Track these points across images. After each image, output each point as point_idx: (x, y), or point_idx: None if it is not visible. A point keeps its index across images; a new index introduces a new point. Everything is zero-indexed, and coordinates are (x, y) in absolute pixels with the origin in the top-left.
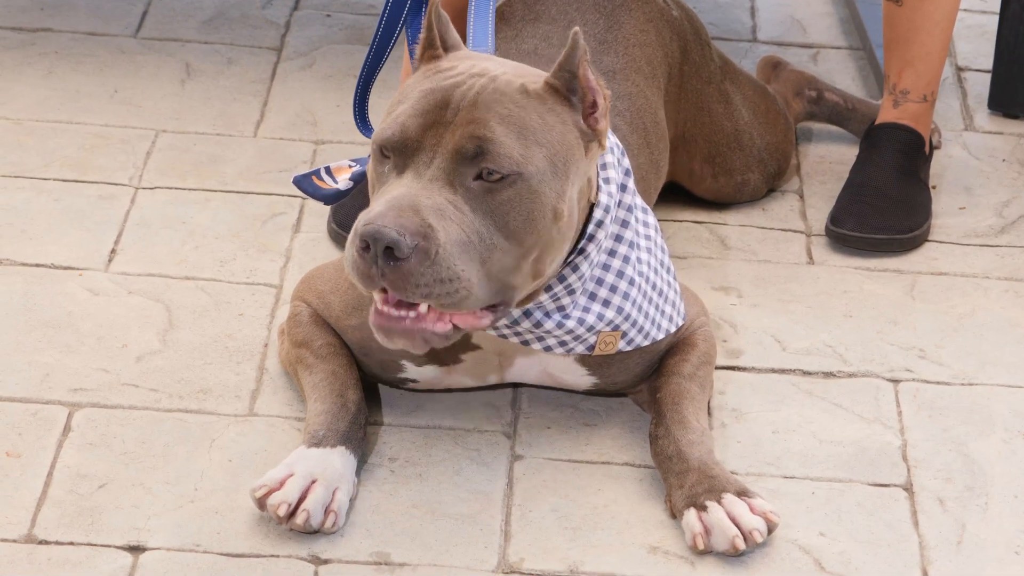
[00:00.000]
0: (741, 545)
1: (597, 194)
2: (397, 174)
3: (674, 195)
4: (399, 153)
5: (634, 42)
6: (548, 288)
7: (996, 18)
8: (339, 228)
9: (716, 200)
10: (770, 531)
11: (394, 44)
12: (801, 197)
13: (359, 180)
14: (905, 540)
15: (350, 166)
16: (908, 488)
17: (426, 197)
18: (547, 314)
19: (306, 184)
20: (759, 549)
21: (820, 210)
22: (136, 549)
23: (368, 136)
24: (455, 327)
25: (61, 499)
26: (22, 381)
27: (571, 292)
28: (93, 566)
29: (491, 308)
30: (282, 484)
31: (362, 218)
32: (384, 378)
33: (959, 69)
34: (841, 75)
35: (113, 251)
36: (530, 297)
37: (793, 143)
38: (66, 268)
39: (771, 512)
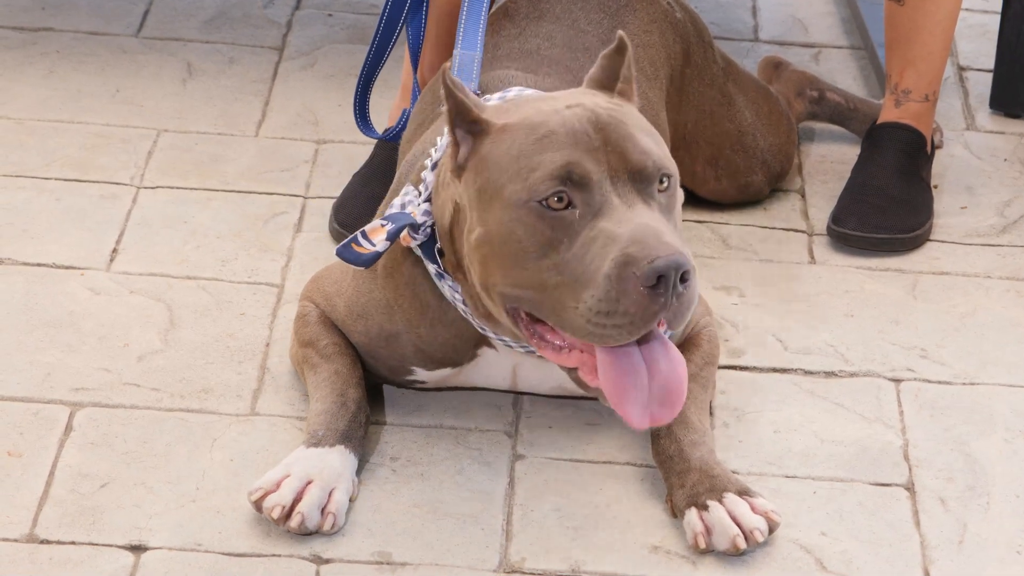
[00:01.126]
0: (742, 544)
1: None
2: (594, 215)
3: None
4: (582, 190)
5: (637, 43)
6: None
7: (998, 18)
8: (341, 228)
9: (719, 201)
10: (771, 530)
11: (394, 43)
12: (803, 197)
13: (394, 238)
14: (906, 540)
15: (383, 225)
16: (909, 488)
17: (655, 221)
18: None
19: (348, 253)
20: (760, 548)
21: (822, 209)
22: (137, 548)
23: (369, 135)
24: None
25: (62, 498)
26: (23, 381)
27: None
28: (94, 565)
29: None
30: (278, 486)
31: (626, 262)
32: (392, 380)
33: (961, 69)
34: (843, 75)
35: (114, 250)
36: None
37: (795, 144)
38: (67, 268)
39: (772, 511)
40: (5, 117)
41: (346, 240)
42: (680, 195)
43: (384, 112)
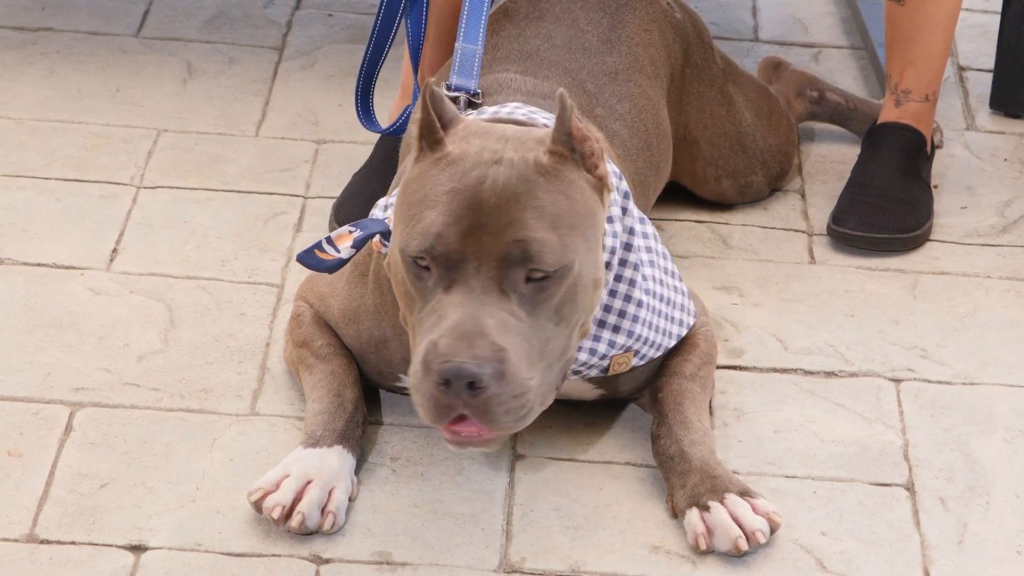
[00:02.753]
0: (744, 546)
1: (603, 237)
2: (444, 289)
3: (675, 195)
4: (442, 264)
5: (637, 42)
6: None
7: (998, 18)
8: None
9: (719, 201)
10: (772, 531)
11: (394, 36)
12: (803, 196)
13: (361, 246)
14: (907, 540)
15: (351, 232)
16: (910, 488)
17: (487, 316)
18: None
19: (309, 259)
20: (760, 549)
21: (822, 209)
22: (137, 548)
23: (372, 130)
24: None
25: (62, 498)
26: (23, 381)
27: None
28: (94, 565)
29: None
30: (277, 486)
31: (431, 352)
32: (382, 384)
33: (961, 69)
34: (843, 75)
35: (114, 250)
36: None
37: (795, 144)
38: (67, 268)
39: (774, 513)
40: (5, 117)
41: (310, 246)
42: (612, 240)
43: (384, 112)
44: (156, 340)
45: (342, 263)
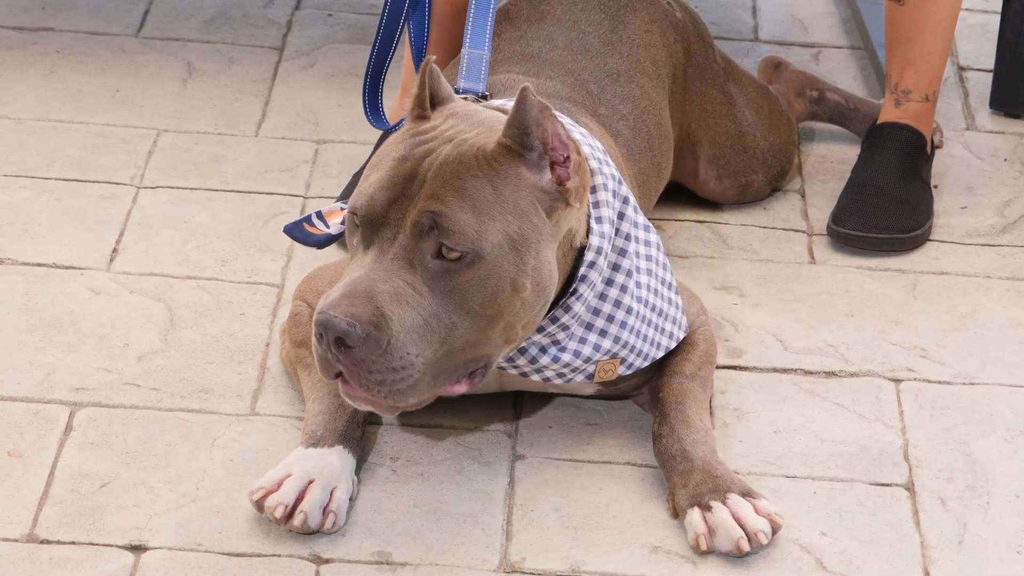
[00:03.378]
0: (746, 547)
1: (588, 236)
2: (363, 248)
3: (676, 194)
4: (367, 226)
5: (639, 42)
6: (541, 328)
7: (998, 17)
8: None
9: (720, 201)
10: (774, 532)
11: (401, 32)
12: (803, 196)
13: None
14: (907, 540)
15: (341, 208)
16: (910, 488)
17: (383, 282)
18: (543, 349)
19: (297, 231)
20: (760, 549)
21: (822, 209)
22: (138, 548)
23: (380, 127)
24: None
25: (63, 498)
26: (23, 380)
27: (565, 328)
28: (95, 565)
29: (469, 375)
30: (279, 485)
31: (320, 303)
32: None
33: (961, 68)
34: (843, 75)
35: (114, 250)
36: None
37: (796, 144)
38: (67, 267)
39: (776, 514)
40: (5, 117)
41: (299, 219)
42: (600, 240)
43: (384, 112)
44: (156, 340)
45: (331, 239)
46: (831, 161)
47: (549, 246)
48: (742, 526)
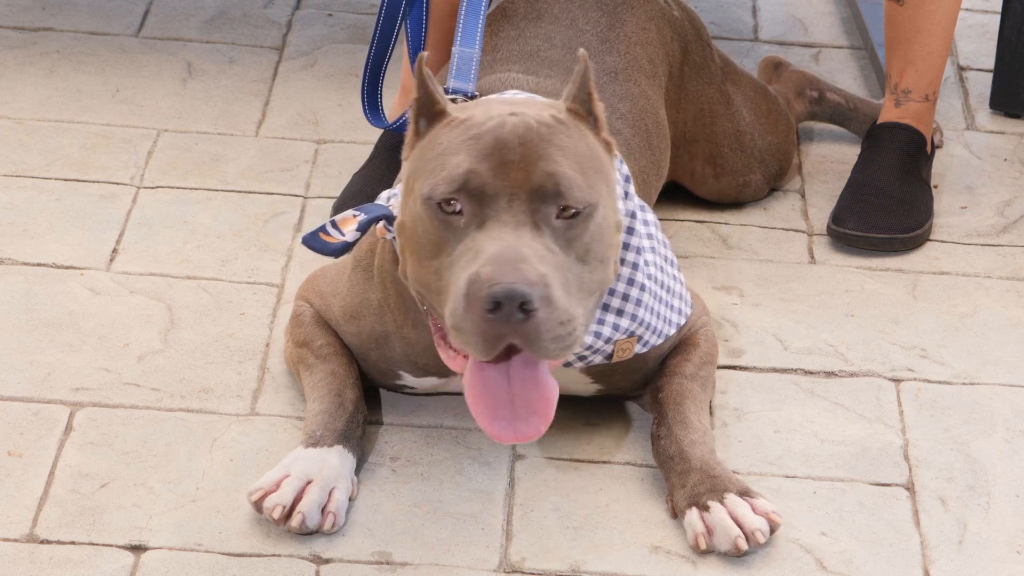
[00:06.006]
0: (744, 546)
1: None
2: (478, 225)
3: (675, 194)
4: (475, 201)
5: (636, 40)
6: None
7: (998, 17)
8: None
9: (718, 201)
10: (772, 531)
11: (399, 31)
12: (803, 196)
13: (365, 229)
14: (907, 539)
15: (355, 216)
16: (910, 487)
17: (526, 246)
18: None
19: (314, 242)
20: (760, 548)
21: (822, 209)
22: (138, 548)
23: (379, 125)
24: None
25: (63, 498)
26: (24, 380)
27: None
28: (94, 565)
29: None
30: (278, 486)
31: (474, 282)
32: (382, 383)
33: (961, 68)
34: (843, 75)
35: (115, 250)
36: None
37: (794, 143)
38: (68, 267)
39: (774, 512)
40: (5, 117)
41: (314, 229)
42: (612, 223)
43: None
44: (156, 340)
45: (347, 247)
46: (831, 161)
47: None
48: (740, 526)
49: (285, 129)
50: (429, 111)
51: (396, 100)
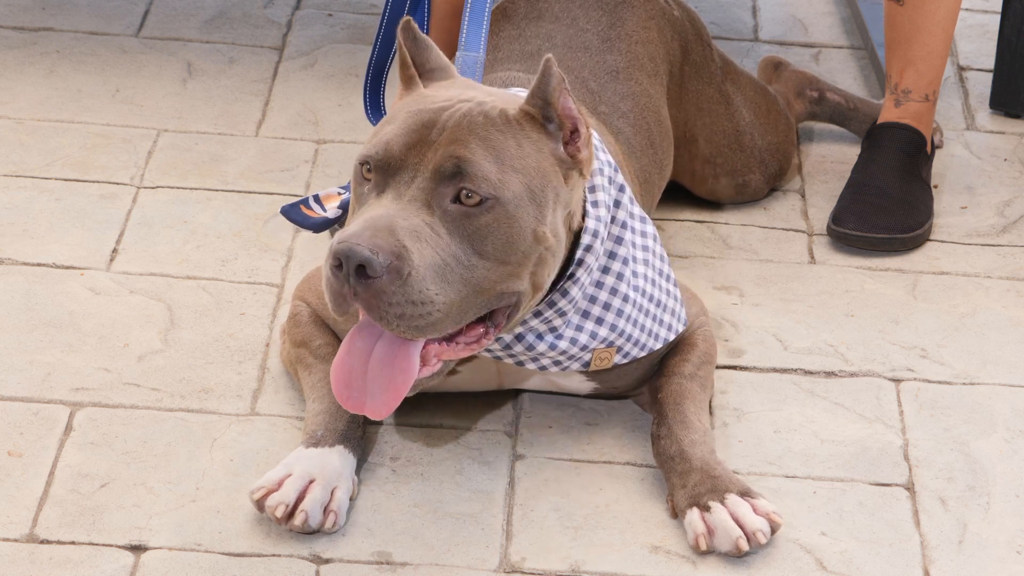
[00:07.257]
0: (745, 546)
1: (584, 220)
2: (377, 194)
3: (675, 194)
4: (381, 171)
5: (637, 39)
6: (538, 313)
7: (998, 17)
8: (340, 227)
9: (717, 200)
10: (773, 532)
11: None
12: (803, 196)
13: (348, 208)
14: (907, 539)
15: (339, 193)
16: (910, 487)
17: (403, 219)
18: (539, 336)
19: (294, 213)
20: (760, 549)
21: (822, 209)
22: (138, 548)
23: None
24: (444, 362)
25: (63, 498)
26: (23, 380)
27: (562, 315)
28: (94, 565)
29: (479, 321)
30: (280, 485)
31: (337, 236)
32: None
33: (961, 68)
34: (843, 75)
35: (115, 250)
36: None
37: (794, 143)
38: (68, 267)
39: (774, 513)
40: (5, 117)
41: (295, 200)
42: (596, 223)
43: (386, 112)
44: (156, 340)
45: (328, 223)
46: (831, 161)
47: (565, 210)
48: (741, 526)
49: (285, 129)
50: (405, 75)
51: (396, 99)
